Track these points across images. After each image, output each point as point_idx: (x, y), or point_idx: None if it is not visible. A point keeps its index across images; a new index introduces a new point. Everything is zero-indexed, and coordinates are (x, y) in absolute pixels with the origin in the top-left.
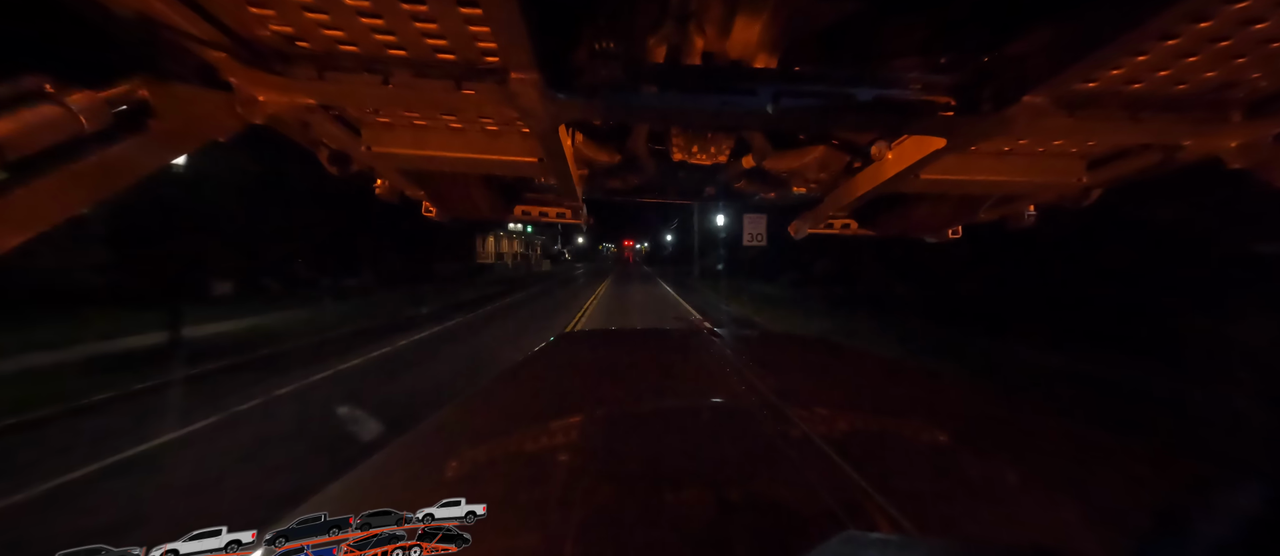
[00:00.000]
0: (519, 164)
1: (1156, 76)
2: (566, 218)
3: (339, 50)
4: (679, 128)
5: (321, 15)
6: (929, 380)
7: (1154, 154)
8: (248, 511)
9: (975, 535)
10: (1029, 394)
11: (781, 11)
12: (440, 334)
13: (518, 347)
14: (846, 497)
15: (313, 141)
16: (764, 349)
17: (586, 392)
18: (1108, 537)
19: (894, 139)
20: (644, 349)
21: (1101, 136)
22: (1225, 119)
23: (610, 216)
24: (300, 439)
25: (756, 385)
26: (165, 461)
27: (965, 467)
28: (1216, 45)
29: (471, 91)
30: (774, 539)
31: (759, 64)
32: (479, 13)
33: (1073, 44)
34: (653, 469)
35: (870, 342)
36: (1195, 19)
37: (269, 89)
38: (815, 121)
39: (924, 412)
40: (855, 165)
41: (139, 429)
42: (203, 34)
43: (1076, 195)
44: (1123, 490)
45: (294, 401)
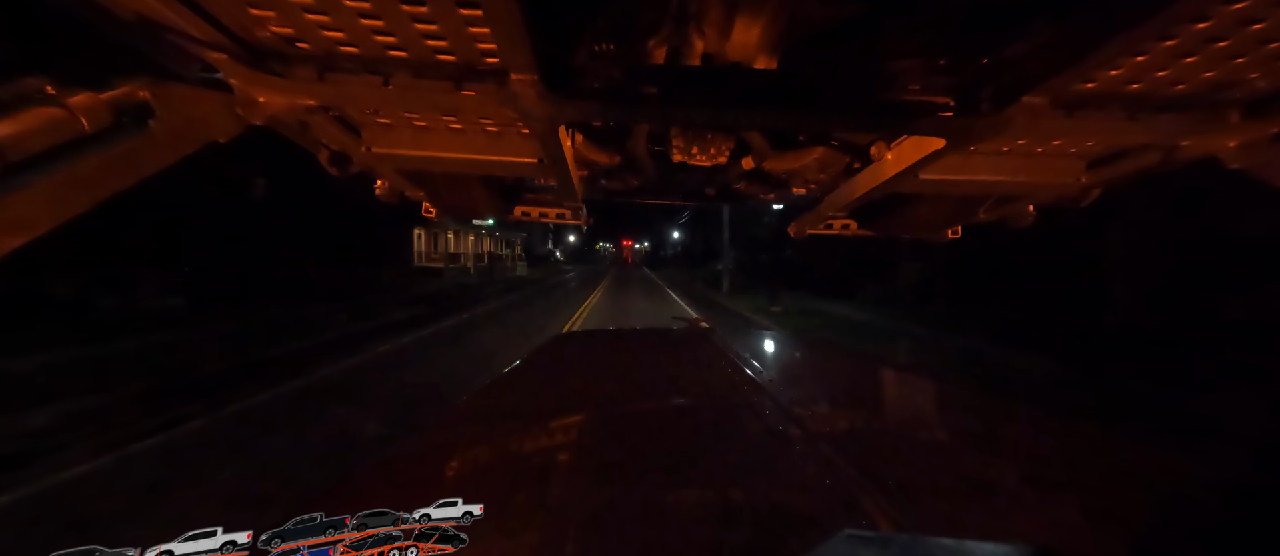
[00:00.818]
0: (519, 165)
1: (1155, 77)
2: (566, 218)
3: (339, 51)
4: (679, 129)
5: (322, 16)
6: (927, 379)
7: (1153, 154)
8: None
9: (974, 534)
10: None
11: (781, 13)
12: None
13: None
14: (846, 496)
15: (313, 142)
16: (762, 347)
17: (585, 392)
18: (1107, 536)
19: (893, 140)
20: (642, 348)
21: (1100, 137)
22: (1224, 119)
23: (608, 215)
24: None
25: (755, 384)
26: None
27: (965, 466)
28: (1215, 46)
29: (471, 92)
30: (774, 538)
31: (759, 65)
32: (479, 14)
33: (1071, 45)
34: (652, 468)
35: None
36: (1193, 19)
37: (269, 90)
38: (815, 122)
39: (923, 411)
40: (855, 166)
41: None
42: (203, 35)
43: (1076, 195)
44: (1122, 489)
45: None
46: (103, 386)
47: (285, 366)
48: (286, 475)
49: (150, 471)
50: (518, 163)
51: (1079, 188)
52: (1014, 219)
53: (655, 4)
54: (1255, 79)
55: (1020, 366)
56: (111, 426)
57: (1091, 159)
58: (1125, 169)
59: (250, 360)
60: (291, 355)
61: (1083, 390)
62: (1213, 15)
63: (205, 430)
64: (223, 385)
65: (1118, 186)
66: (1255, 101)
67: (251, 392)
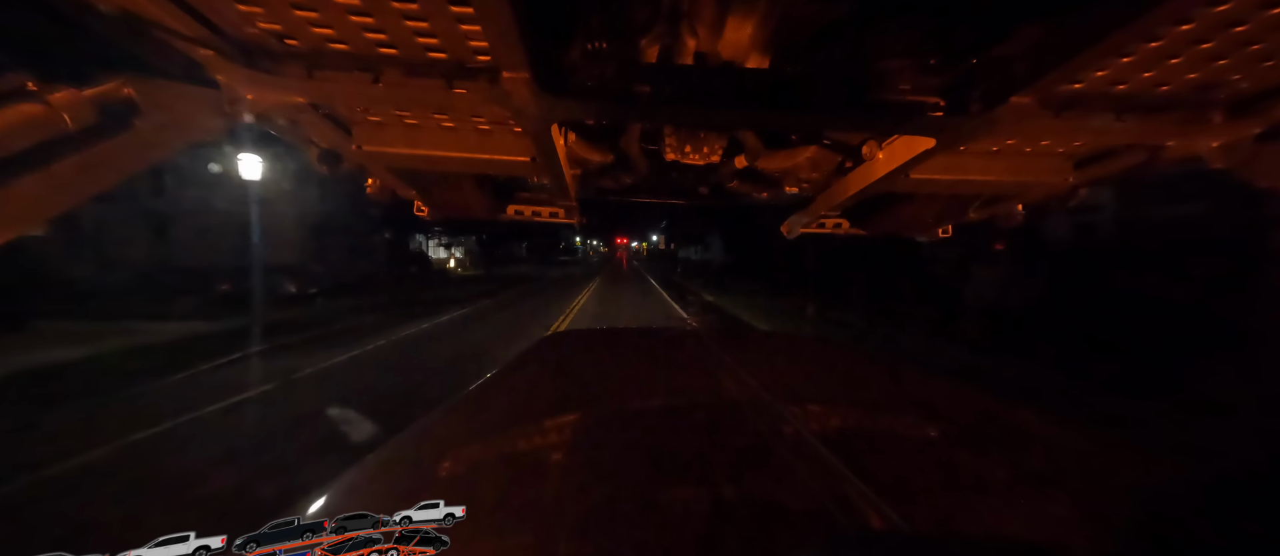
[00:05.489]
0: (511, 163)
1: (1140, 78)
2: (559, 217)
3: (329, 48)
4: (671, 127)
5: (311, 13)
6: (922, 377)
7: (1138, 153)
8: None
9: (967, 532)
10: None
11: (773, 13)
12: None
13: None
14: (840, 495)
15: (302, 140)
16: (756, 346)
17: (578, 392)
18: (1099, 535)
19: (884, 139)
20: (635, 347)
21: (1087, 136)
22: (1207, 119)
23: (604, 213)
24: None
25: (749, 383)
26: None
27: (958, 465)
28: (1198, 47)
29: (463, 91)
30: (768, 537)
31: (751, 64)
32: (470, 11)
33: (1058, 46)
34: (646, 468)
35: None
36: (1177, 21)
37: (257, 87)
38: (806, 122)
39: (917, 410)
40: (846, 165)
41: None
42: (189, 31)
43: (1064, 194)
44: (1114, 488)
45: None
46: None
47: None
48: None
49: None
50: (510, 161)
51: (1067, 187)
52: (1003, 218)
53: (648, 3)
54: (1238, 80)
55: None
56: (440, 305)
57: (1079, 158)
58: (1112, 168)
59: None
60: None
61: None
62: (1196, 18)
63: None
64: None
65: (1105, 185)
66: (1238, 102)
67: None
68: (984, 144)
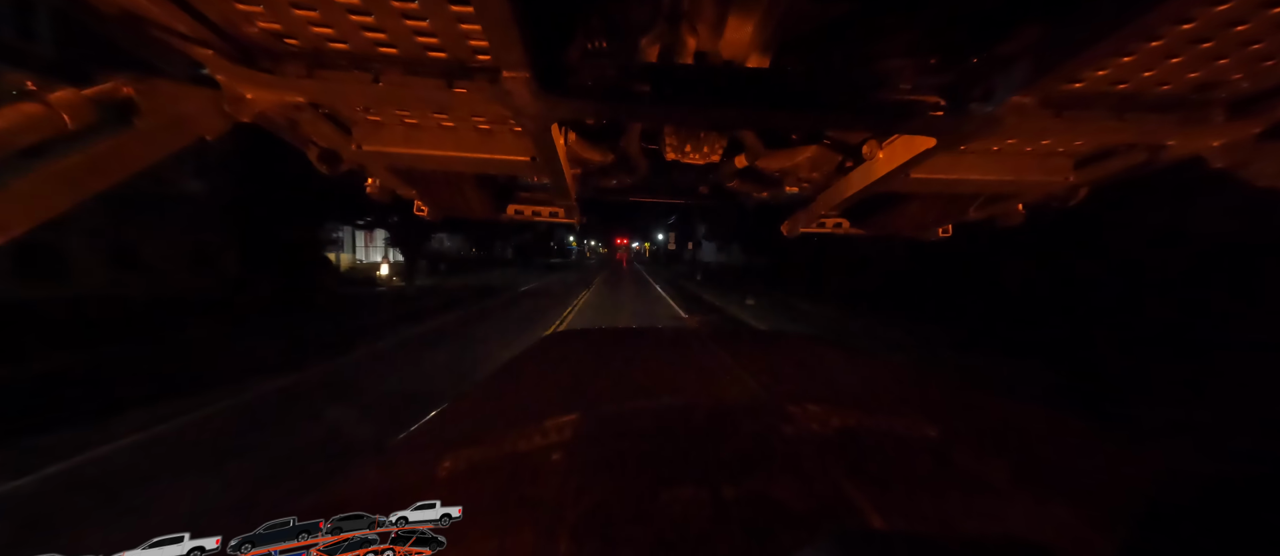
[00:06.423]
0: (511, 163)
1: (1141, 77)
2: (559, 217)
3: (328, 48)
4: (671, 127)
5: (310, 12)
6: (921, 377)
7: (1139, 153)
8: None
9: (967, 531)
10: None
11: (773, 12)
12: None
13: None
14: (840, 494)
15: (302, 140)
16: (756, 346)
17: (578, 391)
18: (1099, 535)
19: (885, 139)
20: (635, 347)
21: (1088, 136)
22: (1208, 119)
23: (603, 213)
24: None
25: (749, 383)
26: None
27: (958, 464)
28: (1199, 46)
29: (463, 90)
30: (768, 536)
31: (751, 64)
32: (470, 11)
33: (1059, 45)
34: (646, 467)
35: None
36: (1178, 20)
37: (257, 87)
38: (806, 121)
39: (916, 409)
40: (847, 164)
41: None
42: (189, 31)
43: (1064, 193)
44: (1114, 486)
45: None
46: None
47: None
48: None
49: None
50: (510, 161)
51: (1067, 186)
52: (1004, 217)
53: (647, 2)
54: (1239, 79)
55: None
56: (475, 298)
57: (1080, 158)
58: (1112, 168)
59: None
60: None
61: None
62: (1197, 16)
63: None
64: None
65: (1105, 185)
66: (1239, 101)
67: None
68: (984, 143)
